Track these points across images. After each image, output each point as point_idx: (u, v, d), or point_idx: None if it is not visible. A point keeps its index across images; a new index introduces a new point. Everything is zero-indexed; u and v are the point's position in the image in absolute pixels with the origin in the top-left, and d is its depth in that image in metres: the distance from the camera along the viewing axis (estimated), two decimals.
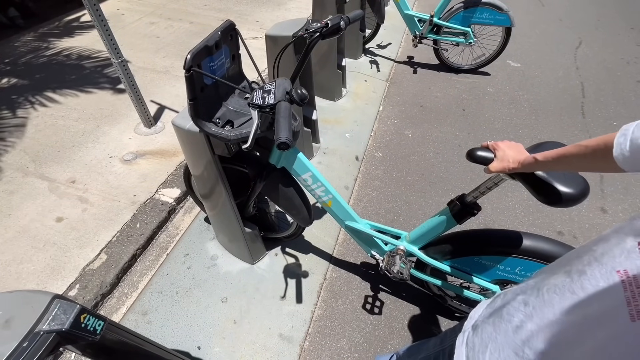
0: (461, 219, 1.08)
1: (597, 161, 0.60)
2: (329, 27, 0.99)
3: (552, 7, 4.56)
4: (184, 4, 3.96)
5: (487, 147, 0.90)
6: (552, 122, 2.69)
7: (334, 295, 1.60)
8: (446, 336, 0.83)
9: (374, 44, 3.51)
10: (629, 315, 0.39)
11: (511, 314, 0.56)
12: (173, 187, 1.94)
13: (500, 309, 0.60)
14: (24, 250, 1.62)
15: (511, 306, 0.58)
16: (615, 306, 0.41)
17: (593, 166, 0.63)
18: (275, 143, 0.76)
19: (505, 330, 0.56)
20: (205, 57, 0.92)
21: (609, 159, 0.53)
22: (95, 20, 1.78)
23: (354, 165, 2.26)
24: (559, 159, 0.69)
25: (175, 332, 1.42)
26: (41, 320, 0.62)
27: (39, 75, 2.74)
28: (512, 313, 0.56)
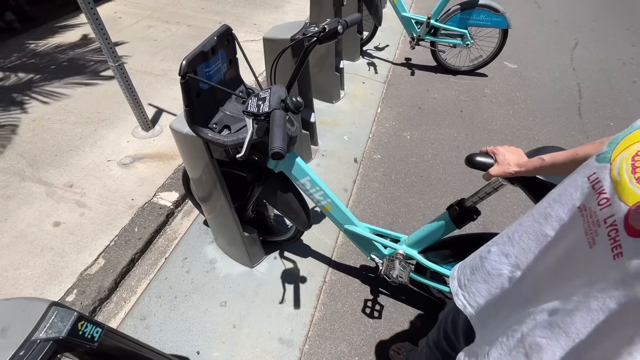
0: (461, 224, 1.08)
1: None
2: (327, 31, 0.99)
3: (548, 8, 4.59)
4: (181, 7, 3.96)
5: (486, 152, 0.90)
6: (550, 122, 2.70)
7: (333, 298, 1.60)
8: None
9: (372, 46, 3.52)
10: (587, 243, 0.45)
11: (498, 268, 0.61)
12: (171, 191, 1.93)
13: (482, 266, 0.65)
14: (21, 256, 1.61)
15: (492, 260, 0.63)
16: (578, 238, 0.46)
17: None
18: (269, 153, 0.75)
19: (501, 283, 0.60)
20: (201, 62, 0.91)
21: None
22: (93, 23, 1.77)
23: (353, 168, 2.25)
24: (574, 160, 0.68)
25: (174, 337, 1.41)
26: (38, 328, 0.61)
27: (35, 79, 2.73)
28: (497, 267, 0.62)
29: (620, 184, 0.42)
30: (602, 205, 0.44)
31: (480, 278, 0.65)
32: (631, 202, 0.40)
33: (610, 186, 0.44)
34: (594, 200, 0.45)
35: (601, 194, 0.44)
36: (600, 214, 0.44)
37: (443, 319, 0.88)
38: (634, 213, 0.39)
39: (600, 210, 0.44)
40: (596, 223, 0.44)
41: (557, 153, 0.71)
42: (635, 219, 0.39)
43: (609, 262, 0.41)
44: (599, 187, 0.45)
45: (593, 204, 0.45)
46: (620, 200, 0.42)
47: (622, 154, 0.44)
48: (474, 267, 0.68)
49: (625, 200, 0.41)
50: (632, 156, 0.43)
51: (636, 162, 0.42)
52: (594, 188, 0.46)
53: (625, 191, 0.41)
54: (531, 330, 0.49)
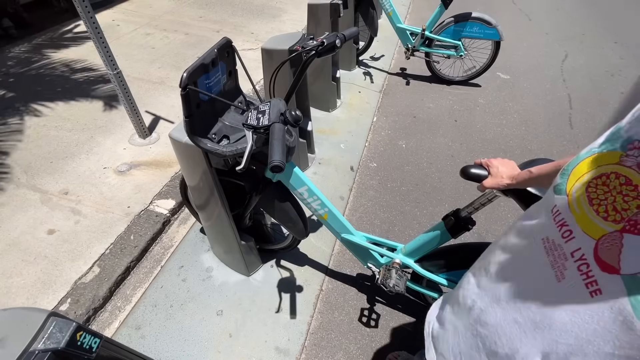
0: (456, 234, 1.09)
1: None
2: (325, 45, 1.01)
3: (539, 21, 4.71)
4: (179, 15, 3.99)
5: (480, 164, 0.92)
6: (542, 132, 2.75)
7: (330, 306, 1.60)
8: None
9: (368, 56, 3.57)
10: (555, 276, 0.44)
11: (466, 297, 0.62)
12: (168, 198, 1.93)
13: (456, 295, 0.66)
14: (14, 264, 1.59)
15: (465, 289, 0.63)
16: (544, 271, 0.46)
17: None
18: (269, 166, 0.77)
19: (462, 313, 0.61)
20: (201, 74, 0.93)
21: None
22: (91, 31, 1.79)
23: (349, 176, 2.27)
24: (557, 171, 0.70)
25: (170, 346, 1.40)
26: (36, 338, 0.61)
27: (32, 86, 2.72)
28: (466, 295, 0.62)
29: (582, 217, 0.42)
30: (566, 238, 0.44)
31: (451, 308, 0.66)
32: (597, 236, 0.40)
33: (572, 218, 0.44)
34: (557, 233, 0.45)
35: (563, 226, 0.45)
36: (566, 246, 0.44)
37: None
38: (602, 247, 0.40)
39: (565, 243, 0.44)
40: (563, 256, 0.44)
41: (543, 165, 0.73)
42: (605, 254, 0.39)
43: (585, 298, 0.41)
44: (560, 219, 0.45)
45: (556, 237, 0.45)
46: (585, 234, 0.42)
47: (575, 185, 0.45)
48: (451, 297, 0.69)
49: (590, 234, 0.41)
50: (585, 188, 0.43)
51: (591, 194, 0.42)
52: (555, 220, 0.46)
53: (589, 225, 0.41)
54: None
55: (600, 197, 0.41)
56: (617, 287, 0.38)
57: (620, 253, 0.38)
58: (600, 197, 0.41)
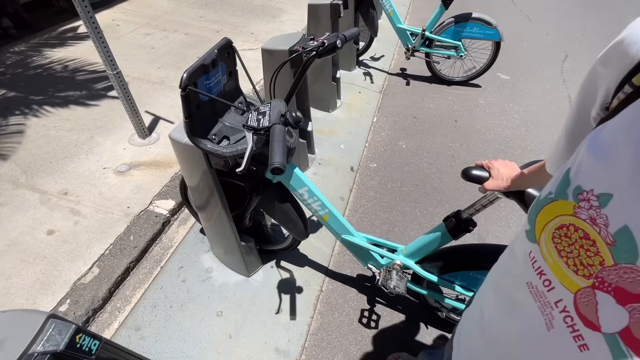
0: (457, 235, 1.09)
1: None
2: (326, 46, 1.01)
3: (539, 22, 4.71)
4: (179, 15, 3.99)
5: (482, 165, 0.92)
6: (542, 133, 2.75)
7: (330, 307, 1.59)
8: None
9: (368, 56, 3.57)
10: (545, 324, 0.43)
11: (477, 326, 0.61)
12: (167, 199, 1.93)
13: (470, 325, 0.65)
14: (13, 265, 1.59)
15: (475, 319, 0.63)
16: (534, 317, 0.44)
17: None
18: (269, 168, 0.76)
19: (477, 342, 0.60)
20: (201, 75, 0.93)
21: None
22: (91, 31, 1.78)
23: (349, 176, 2.27)
24: (543, 171, 0.69)
25: (169, 347, 1.39)
26: (35, 341, 0.61)
27: (31, 86, 2.71)
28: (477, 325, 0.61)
29: (555, 268, 0.42)
30: (547, 287, 0.43)
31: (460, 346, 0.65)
32: (574, 290, 0.39)
33: (547, 268, 0.43)
34: (538, 280, 0.44)
35: (542, 275, 0.44)
36: (549, 295, 0.43)
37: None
38: (581, 302, 0.39)
39: (547, 292, 0.43)
40: (548, 305, 0.43)
41: (533, 166, 0.72)
42: (585, 309, 0.38)
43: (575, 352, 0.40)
44: (537, 267, 0.44)
45: (538, 284, 0.44)
46: (562, 286, 0.41)
47: (543, 234, 0.43)
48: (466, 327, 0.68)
49: (567, 286, 0.40)
50: (551, 238, 0.42)
51: (557, 245, 0.41)
52: (534, 267, 0.45)
53: (563, 277, 0.41)
54: None
55: (567, 250, 0.40)
56: (602, 346, 0.37)
57: (597, 310, 0.37)
58: (566, 249, 0.40)
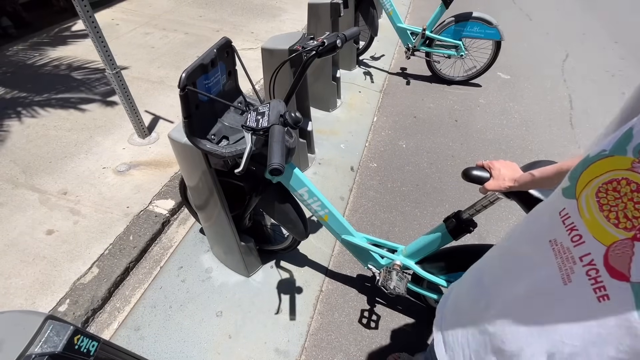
0: (457, 236, 1.09)
1: None
2: (325, 45, 1.00)
3: (540, 21, 4.70)
4: (179, 15, 3.98)
5: (482, 166, 0.92)
6: (542, 133, 2.75)
7: (330, 307, 1.59)
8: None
9: (368, 56, 3.56)
10: (561, 279, 0.45)
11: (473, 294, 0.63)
12: (167, 199, 1.92)
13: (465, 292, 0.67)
14: (13, 265, 1.59)
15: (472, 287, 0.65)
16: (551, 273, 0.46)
17: None
18: (268, 169, 0.76)
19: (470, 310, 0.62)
20: (200, 74, 0.92)
21: None
22: (90, 30, 1.78)
23: (349, 176, 2.27)
24: (559, 173, 0.69)
25: (169, 347, 1.39)
26: (33, 342, 0.60)
27: (31, 85, 2.71)
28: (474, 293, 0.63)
29: (592, 223, 0.42)
30: (575, 242, 0.44)
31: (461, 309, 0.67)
32: (608, 243, 0.40)
33: (581, 223, 0.43)
34: (566, 236, 0.45)
35: (573, 230, 0.44)
36: (575, 251, 0.43)
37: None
38: (613, 254, 0.40)
39: (574, 247, 0.44)
40: (571, 260, 0.44)
41: (545, 168, 0.72)
42: (616, 260, 0.39)
43: (592, 303, 0.41)
44: (569, 223, 0.45)
45: (565, 240, 0.45)
46: (595, 239, 0.41)
47: (585, 190, 0.44)
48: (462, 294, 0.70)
49: (600, 240, 0.41)
50: (595, 193, 0.42)
51: (601, 199, 0.42)
52: (565, 223, 0.46)
53: (599, 231, 0.41)
54: None
55: (611, 204, 0.40)
56: (626, 295, 0.38)
57: (631, 261, 0.38)
58: (610, 203, 0.40)
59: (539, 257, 0.49)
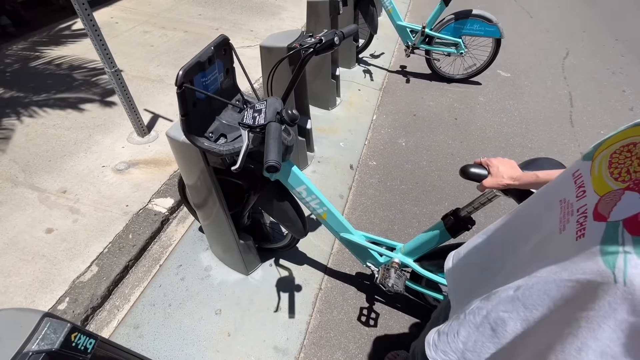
0: (455, 233, 1.09)
1: None
2: (323, 42, 1.00)
3: (540, 18, 4.69)
4: (178, 13, 3.97)
5: (480, 163, 0.91)
6: (542, 131, 2.74)
7: (329, 305, 1.59)
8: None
9: (368, 54, 3.56)
10: (558, 229, 0.49)
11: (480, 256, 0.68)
12: (166, 197, 1.92)
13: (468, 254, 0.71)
14: (12, 263, 1.59)
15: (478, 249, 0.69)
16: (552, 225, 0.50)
17: None
18: (264, 166, 0.76)
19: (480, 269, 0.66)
20: (197, 72, 0.92)
21: None
22: (89, 29, 1.77)
23: (349, 174, 2.27)
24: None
25: (168, 345, 1.39)
26: (30, 340, 0.60)
27: (30, 84, 2.71)
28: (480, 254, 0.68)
29: (597, 179, 0.46)
30: (578, 197, 0.47)
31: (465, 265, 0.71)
32: (602, 193, 0.44)
33: (589, 180, 0.47)
34: (573, 193, 0.49)
35: (580, 188, 0.48)
36: (576, 204, 0.47)
37: (435, 318, 0.90)
38: (602, 202, 0.43)
39: (576, 201, 0.47)
40: (570, 212, 0.47)
41: (552, 171, 0.73)
42: (603, 207, 0.42)
43: (572, 243, 0.44)
44: (579, 182, 0.49)
45: (571, 196, 0.49)
46: (594, 192, 0.45)
47: (603, 151, 0.47)
48: (464, 255, 0.74)
49: (597, 191, 0.44)
50: (610, 154, 0.46)
51: (613, 159, 0.45)
52: (576, 183, 0.49)
53: (600, 184, 0.45)
54: (495, 307, 0.54)
55: (619, 161, 0.44)
56: (598, 231, 0.41)
57: (614, 205, 0.41)
58: (619, 161, 0.44)
59: (548, 214, 0.52)
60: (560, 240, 0.48)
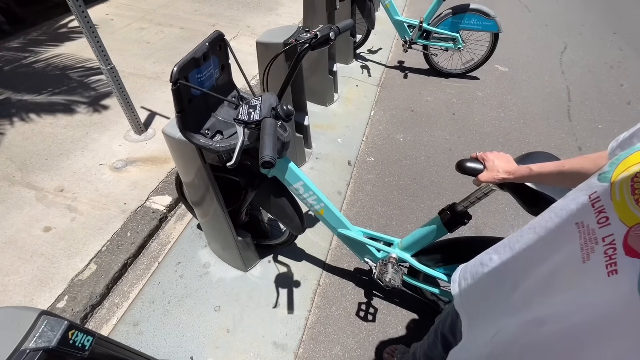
0: (452, 228, 1.09)
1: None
2: (318, 38, 0.99)
3: (538, 12, 4.67)
4: (174, 9, 3.94)
5: (476, 157, 0.92)
6: (540, 125, 2.74)
7: (327, 301, 1.60)
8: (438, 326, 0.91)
9: (365, 49, 3.54)
10: (581, 258, 0.46)
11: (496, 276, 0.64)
12: (164, 195, 1.92)
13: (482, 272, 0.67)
14: (10, 262, 1.59)
15: (492, 268, 0.65)
16: (572, 252, 0.48)
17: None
18: (259, 162, 0.76)
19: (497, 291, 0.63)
20: (192, 68, 0.91)
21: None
22: (83, 26, 1.76)
23: (347, 170, 2.27)
24: (560, 172, 0.70)
25: (167, 342, 1.40)
26: (27, 337, 0.60)
27: (25, 82, 2.69)
28: (495, 275, 0.65)
29: (620, 205, 0.43)
30: (601, 223, 0.44)
31: (479, 284, 0.67)
32: (630, 223, 0.41)
33: (610, 206, 0.44)
34: (592, 218, 0.46)
35: (601, 213, 0.45)
36: (599, 232, 0.44)
37: (440, 322, 0.90)
38: (632, 234, 0.40)
39: (599, 228, 0.44)
40: (593, 240, 0.45)
41: (545, 164, 0.72)
42: (634, 240, 0.40)
43: (602, 278, 0.42)
44: (599, 206, 0.46)
45: (592, 222, 0.46)
46: (620, 221, 0.42)
47: (622, 174, 0.45)
48: (474, 273, 0.70)
49: (624, 220, 0.42)
50: (631, 177, 0.43)
51: (635, 184, 0.42)
52: (594, 206, 0.46)
53: (625, 212, 0.42)
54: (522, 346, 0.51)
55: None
56: (633, 269, 0.39)
57: None
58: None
59: (564, 236, 0.50)
60: (585, 271, 0.45)
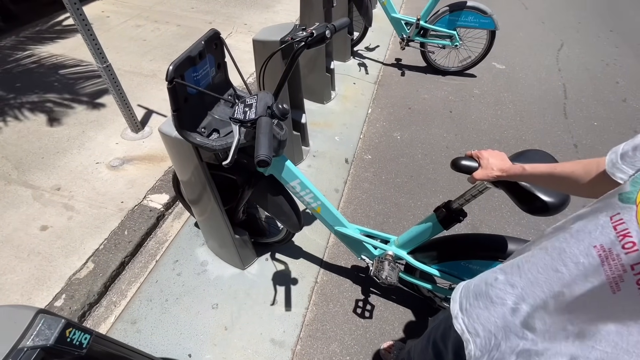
0: (447, 225, 1.10)
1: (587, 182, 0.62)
2: (314, 36, 0.99)
3: (535, 10, 4.67)
4: (170, 6, 3.92)
5: (471, 156, 0.92)
6: (536, 122, 2.75)
7: (325, 298, 1.61)
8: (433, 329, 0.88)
9: (362, 47, 3.53)
10: (610, 288, 0.42)
11: (502, 297, 0.59)
12: (161, 193, 1.92)
13: (486, 292, 0.63)
14: (7, 261, 1.59)
15: (498, 289, 0.61)
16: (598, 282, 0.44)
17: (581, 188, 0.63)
18: (255, 161, 0.76)
19: (503, 313, 0.58)
20: (188, 67, 0.91)
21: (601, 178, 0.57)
22: (78, 23, 1.75)
23: (344, 168, 2.27)
24: (551, 175, 0.68)
25: (166, 340, 1.41)
26: (25, 336, 0.61)
27: (21, 79, 2.67)
28: (502, 296, 0.59)
29: None
30: (628, 249, 0.41)
31: (483, 305, 0.63)
32: None
33: (637, 230, 0.41)
34: (617, 243, 0.42)
35: (626, 237, 0.42)
36: (626, 258, 0.41)
37: (433, 328, 0.88)
38: None
39: (625, 254, 0.41)
40: (620, 268, 0.41)
41: (539, 165, 0.72)
42: None
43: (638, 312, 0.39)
44: (622, 229, 0.42)
45: (616, 247, 0.42)
46: None
47: None
48: (477, 293, 0.65)
49: None
50: None
51: None
52: (616, 229, 0.43)
53: None
54: None
55: None
56: None
57: None
58: None
59: (583, 260, 0.46)
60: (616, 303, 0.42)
